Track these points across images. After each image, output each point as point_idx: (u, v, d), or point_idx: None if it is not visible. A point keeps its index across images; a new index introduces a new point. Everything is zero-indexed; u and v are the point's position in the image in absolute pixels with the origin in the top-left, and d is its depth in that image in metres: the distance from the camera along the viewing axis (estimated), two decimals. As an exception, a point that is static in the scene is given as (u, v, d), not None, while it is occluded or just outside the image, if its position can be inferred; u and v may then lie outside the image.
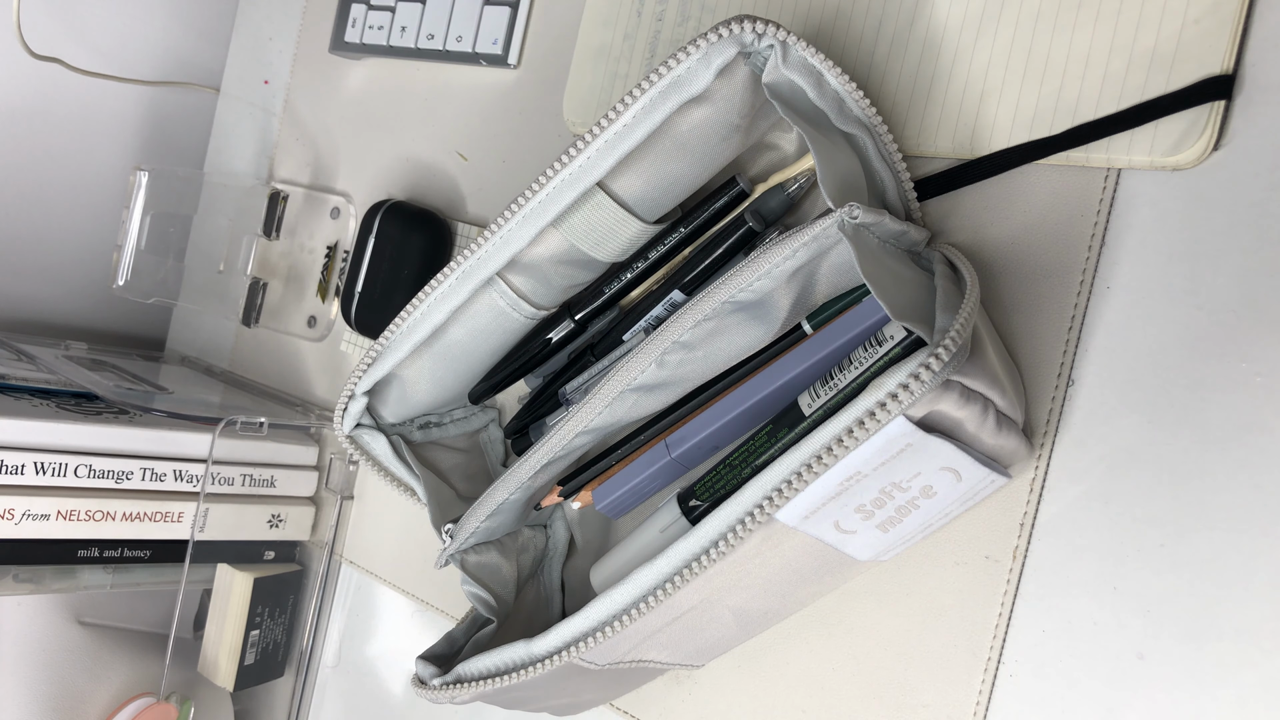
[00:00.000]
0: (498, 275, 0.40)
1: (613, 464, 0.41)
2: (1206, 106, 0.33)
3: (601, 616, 0.34)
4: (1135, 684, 0.33)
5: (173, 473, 0.55)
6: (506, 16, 0.54)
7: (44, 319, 0.71)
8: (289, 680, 0.60)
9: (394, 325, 0.41)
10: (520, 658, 0.36)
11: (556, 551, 0.48)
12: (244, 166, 0.69)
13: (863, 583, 0.39)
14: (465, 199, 0.56)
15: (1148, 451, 0.34)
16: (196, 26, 0.73)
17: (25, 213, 0.68)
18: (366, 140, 0.61)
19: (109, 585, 0.54)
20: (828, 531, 0.32)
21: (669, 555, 0.32)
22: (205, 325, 0.70)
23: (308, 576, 0.60)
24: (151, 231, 0.63)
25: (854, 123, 0.36)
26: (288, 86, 0.67)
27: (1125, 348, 0.34)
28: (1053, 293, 0.36)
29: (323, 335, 0.62)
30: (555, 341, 0.44)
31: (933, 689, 0.37)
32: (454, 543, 0.42)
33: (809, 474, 0.29)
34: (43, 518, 0.50)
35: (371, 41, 0.59)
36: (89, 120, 0.70)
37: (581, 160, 0.36)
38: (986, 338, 0.32)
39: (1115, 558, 0.34)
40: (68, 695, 0.56)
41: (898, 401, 0.28)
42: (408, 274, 0.54)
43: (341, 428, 0.44)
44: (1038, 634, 0.35)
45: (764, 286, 0.34)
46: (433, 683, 0.38)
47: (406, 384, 0.44)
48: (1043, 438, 0.36)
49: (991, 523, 0.36)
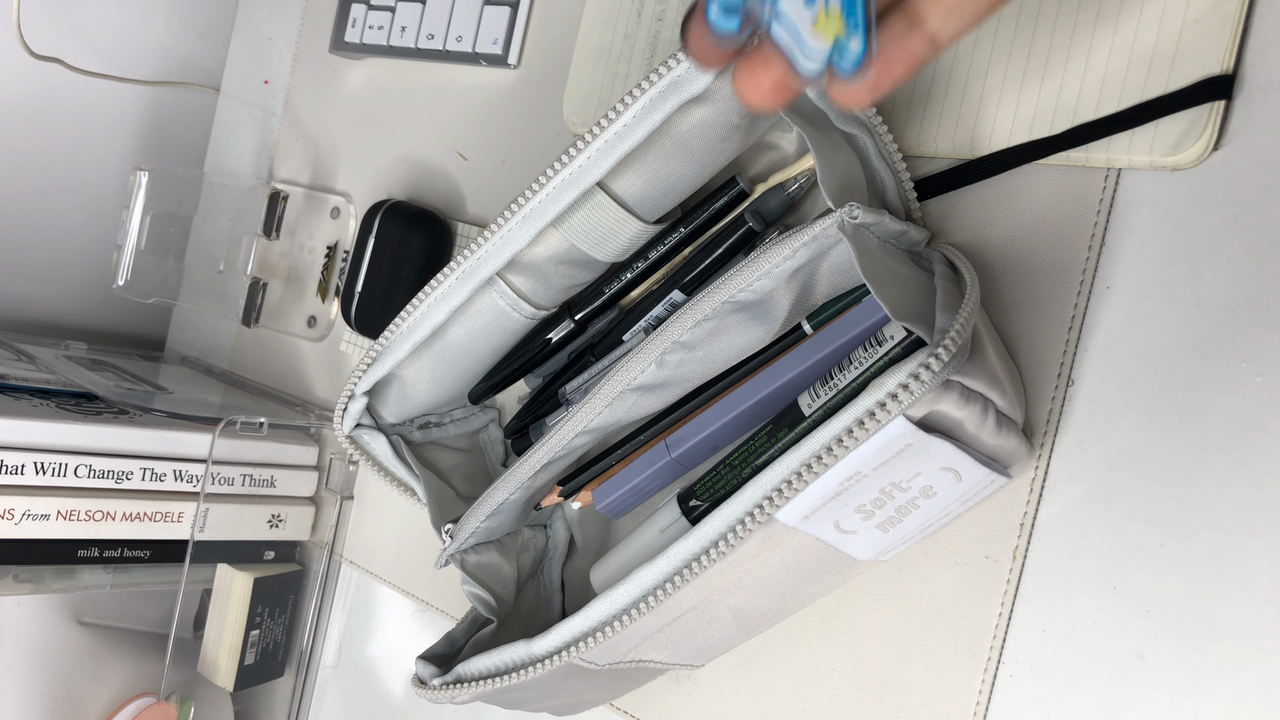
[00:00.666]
0: (498, 275, 0.40)
1: (613, 464, 0.41)
2: (1206, 106, 0.33)
3: (601, 616, 0.34)
4: (1135, 684, 0.33)
5: (173, 473, 0.55)
6: (506, 16, 0.54)
7: (44, 319, 0.71)
8: (289, 680, 0.60)
9: (394, 325, 0.41)
10: (520, 658, 0.36)
11: (556, 551, 0.48)
12: (244, 166, 0.69)
13: (863, 583, 0.39)
14: (465, 199, 0.56)
15: (1148, 451, 0.34)
16: (196, 26, 0.73)
17: (25, 213, 0.68)
18: (366, 140, 0.61)
19: (109, 585, 0.54)
20: (828, 532, 0.32)
21: (669, 555, 0.32)
22: (205, 325, 0.70)
23: (308, 576, 0.60)
24: (151, 231, 0.63)
25: (854, 122, 0.36)
26: (288, 86, 0.67)
27: (1125, 348, 0.34)
28: (1053, 293, 0.36)
29: (323, 335, 0.62)
30: (555, 341, 0.44)
31: (933, 689, 0.37)
32: (454, 543, 0.42)
33: (809, 474, 0.29)
34: (43, 518, 0.50)
35: (371, 41, 0.59)
36: (89, 120, 0.70)
37: (581, 160, 0.36)
38: (986, 338, 0.32)
39: (1115, 558, 0.34)
40: (68, 695, 0.56)
41: (898, 401, 0.28)
42: (408, 274, 0.54)
43: (341, 428, 0.44)
44: (1038, 634, 0.35)
45: (764, 286, 0.34)
46: (433, 683, 0.38)
47: (406, 384, 0.44)
48: (1043, 438, 0.36)
49: (991, 523, 0.36)
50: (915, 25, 0.25)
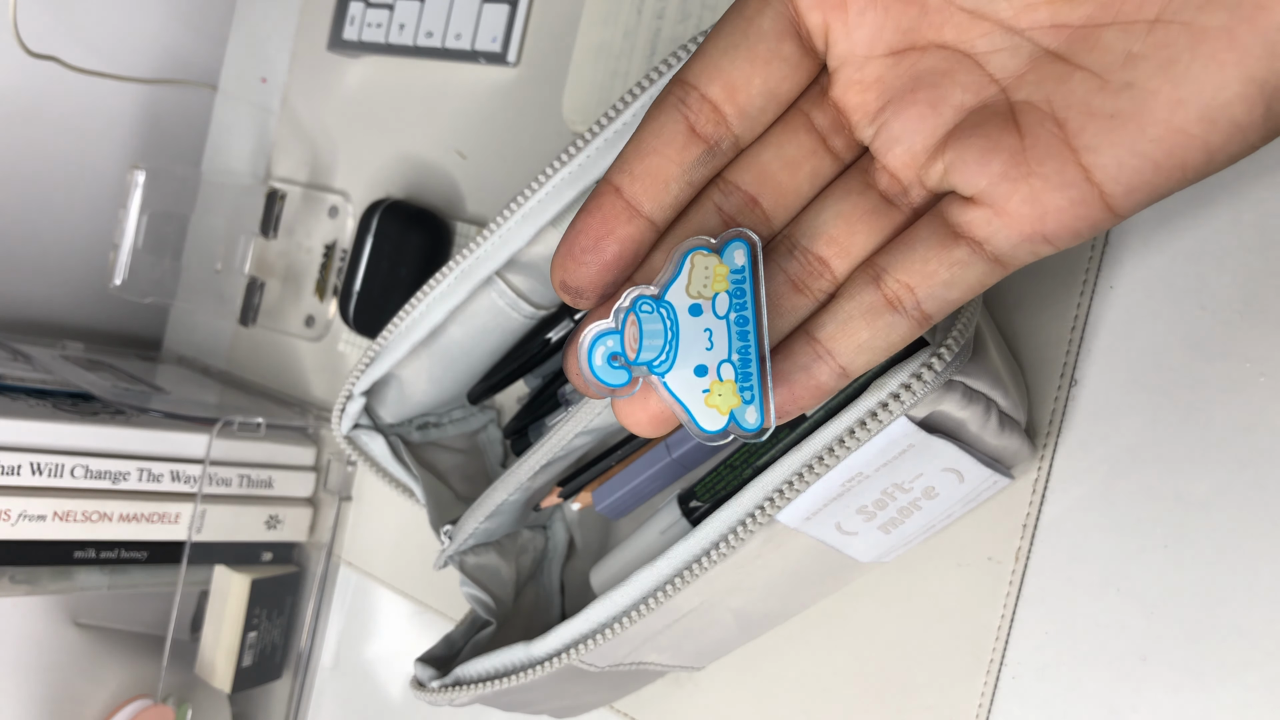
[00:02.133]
0: (497, 274, 0.40)
1: (612, 464, 0.41)
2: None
3: (601, 618, 0.34)
4: (1138, 685, 0.33)
5: (170, 473, 0.54)
6: (505, 14, 0.53)
7: (40, 319, 0.71)
8: (287, 682, 0.60)
9: (392, 325, 0.41)
10: (520, 660, 0.36)
11: (556, 553, 0.48)
12: (241, 165, 0.69)
13: (864, 584, 0.39)
14: (464, 198, 0.56)
15: (1151, 452, 0.34)
16: (194, 24, 0.72)
17: (21, 212, 0.68)
18: (364, 139, 0.61)
19: (106, 587, 0.54)
20: (829, 533, 0.32)
21: (669, 557, 0.32)
22: (202, 325, 0.70)
23: (305, 578, 0.60)
24: (148, 231, 0.62)
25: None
26: (285, 85, 0.66)
27: (1129, 348, 0.34)
28: (1055, 292, 0.36)
29: (320, 335, 0.62)
30: (555, 341, 0.44)
31: (935, 691, 0.37)
32: (453, 544, 0.42)
33: (810, 475, 0.29)
34: (39, 519, 0.50)
35: (370, 39, 0.59)
36: (86, 119, 0.69)
37: (581, 159, 0.36)
38: (989, 338, 0.32)
39: (1118, 559, 0.34)
40: (64, 697, 0.56)
41: (900, 402, 0.28)
42: (406, 273, 0.54)
43: (339, 428, 0.44)
44: (1040, 635, 0.35)
45: (765, 286, 0.34)
46: (431, 685, 0.37)
47: (405, 384, 0.44)
48: (1045, 438, 0.35)
49: (994, 524, 0.36)
50: (823, 358, 0.23)
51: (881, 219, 0.23)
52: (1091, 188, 0.20)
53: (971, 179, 0.21)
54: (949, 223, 0.22)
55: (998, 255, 0.22)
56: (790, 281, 0.23)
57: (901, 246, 0.23)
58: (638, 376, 0.23)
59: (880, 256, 0.23)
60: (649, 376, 0.22)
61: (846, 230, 0.23)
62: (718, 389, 0.22)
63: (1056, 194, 0.20)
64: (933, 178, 0.22)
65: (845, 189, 0.23)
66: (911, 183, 0.23)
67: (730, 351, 0.22)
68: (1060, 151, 0.20)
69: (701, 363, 0.22)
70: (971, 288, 0.22)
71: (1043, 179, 0.20)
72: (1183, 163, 0.19)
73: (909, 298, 0.22)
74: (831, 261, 0.23)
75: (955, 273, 0.22)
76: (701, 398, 0.22)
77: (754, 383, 0.22)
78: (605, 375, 0.23)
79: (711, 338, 0.22)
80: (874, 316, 0.23)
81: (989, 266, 0.22)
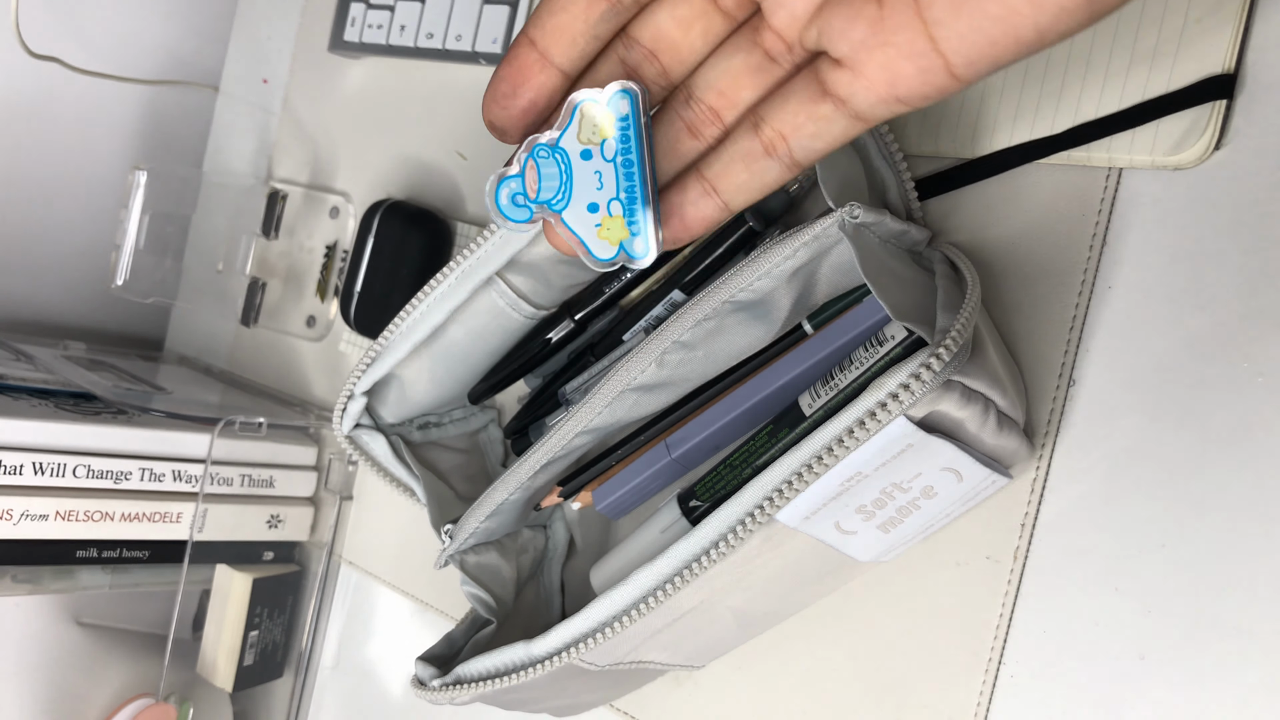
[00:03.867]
0: (497, 275, 0.40)
1: (613, 464, 0.41)
2: (1208, 106, 0.33)
3: (601, 617, 0.34)
4: (1137, 685, 0.33)
5: (171, 473, 0.55)
6: (506, 15, 0.54)
7: (42, 319, 0.71)
8: (288, 681, 0.60)
9: (393, 325, 0.41)
10: (520, 659, 0.36)
11: (556, 552, 0.48)
12: (243, 166, 0.69)
13: (864, 584, 0.39)
14: (465, 198, 0.56)
15: (1149, 452, 0.34)
16: (195, 25, 0.73)
17: (23, 212, 0.68)
18: (365, 139, 0.61)
19: (108, 586, 0.54)
20: (828, 532, 0.32)
21: (669, 556, 0.32)
22: (204, 325, 0.70)
23: (307, 577, 0.60)
24: (150, 231, 0.63)
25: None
26: (286, 85, 0.67)
27: (1127, 348, 0.34)
28: (1054, 292, 0.36)
29: (322, 335, 0.62)
30: (555, 341, 0.44)
31: (934, 690, 0.37)
32: (453, 543, 0.42)
33: (810, 474, 0.29)
34: (41, 518, 0.50)
35: (370, 40, 0.59)
36: (87, 119, 0.70)
37: (581, 160, 0.36)
38: (987, 338, 0.32)
39: (1116, 558, 0.34)
40: (66, 696, 0.56)
41: (898, 402, 0.28)
42: (407, 274, 0.54)
43: (340, 428, 0.44)
44: (1039, 635, 0.35)
45: (764, 286, 0.34)
46: (432, 684, 0.38)
47: (406, 384, 0.44)
48: (1044, 438, 0.36)
49: (992, 523, 0.36)
50: (709, 194, 0.27)
51: (765, 74, 0.26)
52: (938, 57, 0.22)
53: (838, 43, 0.24)
54: (819, 80, 0.24)
55: (858, 113, 0.24)
56: (686, 127, 0.27)
57: (778, 99, 0.26)
58: (539, 215, 0.26)
59: (761, 107, 0.26)
60: (549, 214, 0.26)
61: (733, 84, 0.26)
62: (608, 223, 0.26)
63: (907, 62, 0.23)
64: (810, 39, 0.25)
65: (735, 46, 0.26)
66: (793, 42, 0.25)
67: (619, 190, 0.26)
68: (912, 23, 0.22)
69: (593, 200, 0.26)
70: (836, 139, 0.25)
71: (896, 48, 0.23)
72: (1017, 38, 0.22)
73: (782, 145, 0.26)
74: (721, 111, 0.27)
75: (821, 126, 0.25)
76: (595, 231, 0.26)
77: (639, 217, 0.26)
78: (510, 212, 0.26)
79: (601, 179, 0.26)
80: (751, 160, 0.26)
81: (850, 122, 0.25)
